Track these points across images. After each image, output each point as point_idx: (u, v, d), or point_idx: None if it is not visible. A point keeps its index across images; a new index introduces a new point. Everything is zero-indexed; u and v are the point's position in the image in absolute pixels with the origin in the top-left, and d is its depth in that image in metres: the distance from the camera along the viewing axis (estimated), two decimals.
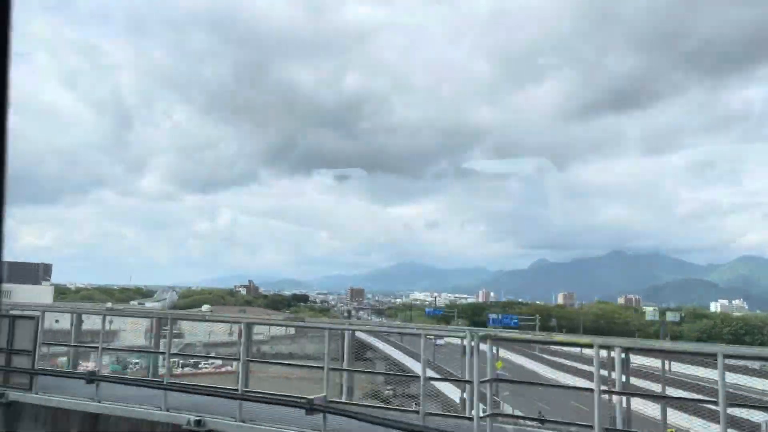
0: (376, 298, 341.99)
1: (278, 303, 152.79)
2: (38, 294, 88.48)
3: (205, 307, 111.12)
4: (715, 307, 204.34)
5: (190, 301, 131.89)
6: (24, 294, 79.33)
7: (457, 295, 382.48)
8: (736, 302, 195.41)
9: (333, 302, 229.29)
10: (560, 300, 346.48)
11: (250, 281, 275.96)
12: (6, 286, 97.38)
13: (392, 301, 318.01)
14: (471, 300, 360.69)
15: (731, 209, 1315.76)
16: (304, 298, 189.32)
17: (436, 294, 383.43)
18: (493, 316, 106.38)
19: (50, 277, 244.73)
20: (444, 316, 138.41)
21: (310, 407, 9.11)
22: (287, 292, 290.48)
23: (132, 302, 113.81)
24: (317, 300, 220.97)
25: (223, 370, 53.51)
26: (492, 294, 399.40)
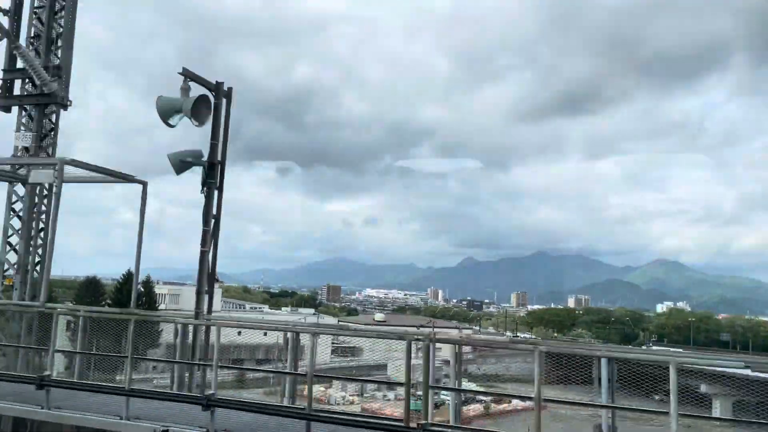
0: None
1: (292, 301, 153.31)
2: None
3: (378, 317, 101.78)
4: (661, 309, 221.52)
5: None
6: (192, 296, 78.95)
7: (407, 293, 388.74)
8: (680, 304, 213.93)
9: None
10: (513, 300, 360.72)
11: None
12: (174, 287, 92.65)
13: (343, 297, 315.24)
14: (422, 297, 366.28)
15: (654, 215, 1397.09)
16: (291, 295, 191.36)
17: (385, 292, 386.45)
18: None
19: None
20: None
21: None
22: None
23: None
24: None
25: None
26: (441, 292, 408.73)
